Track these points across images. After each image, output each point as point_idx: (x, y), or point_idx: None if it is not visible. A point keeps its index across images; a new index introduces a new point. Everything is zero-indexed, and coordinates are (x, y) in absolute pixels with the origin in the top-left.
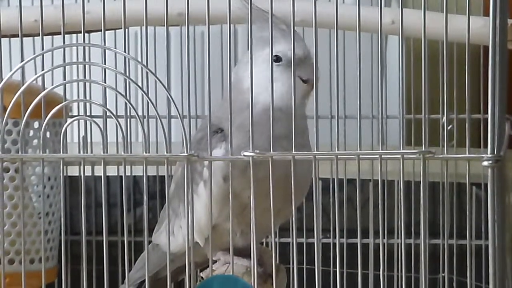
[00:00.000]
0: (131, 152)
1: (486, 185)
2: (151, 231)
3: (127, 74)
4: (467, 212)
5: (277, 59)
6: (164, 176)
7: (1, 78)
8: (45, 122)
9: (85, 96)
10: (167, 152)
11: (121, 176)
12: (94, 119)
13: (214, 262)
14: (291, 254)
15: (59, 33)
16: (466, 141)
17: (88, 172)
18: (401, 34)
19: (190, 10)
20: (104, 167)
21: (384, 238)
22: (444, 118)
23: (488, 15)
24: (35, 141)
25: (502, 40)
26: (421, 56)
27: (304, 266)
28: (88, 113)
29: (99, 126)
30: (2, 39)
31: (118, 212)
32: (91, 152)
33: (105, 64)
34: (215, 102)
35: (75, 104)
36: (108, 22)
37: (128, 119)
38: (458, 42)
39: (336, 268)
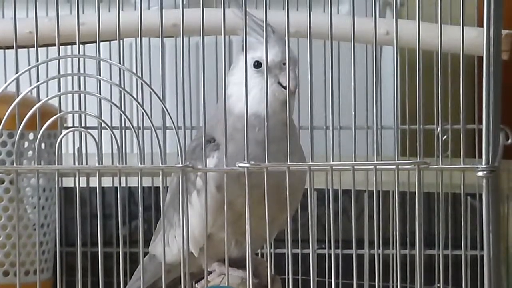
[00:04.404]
0: (126, 163)
1: (481, 195)
2: (146, 242)
3: (122, 86)
4: (462, 222)
5: (257, 64)
6: (159, 187)
7: None
8: (40, 134)
9: (80, 108)
10: (162, 163)
11: (116, 187)
12: (89, 130)
13: (210, 273)
14: (286, 264)
15: (54, 45)
16: (461, 151)
17: (83, 184)
18: (395, 45)
19: (185, 21)
20: (99, 178)
21: (379, 248)
22: (439, 128)
23: (482, 25)
24: (30, 152)
25: (496, 50)
26: (415, 66)
27: (300, 276)
28: (83, 125)
29: (94, 138)
30: None
31: (113, 223)
32: (86, 163)
33: (100, 75)
34: (209, 112)
35: (70, 116)
36: (103, 34)
37: (123, 131)
38: (452, 52)
39: (331, 278)
